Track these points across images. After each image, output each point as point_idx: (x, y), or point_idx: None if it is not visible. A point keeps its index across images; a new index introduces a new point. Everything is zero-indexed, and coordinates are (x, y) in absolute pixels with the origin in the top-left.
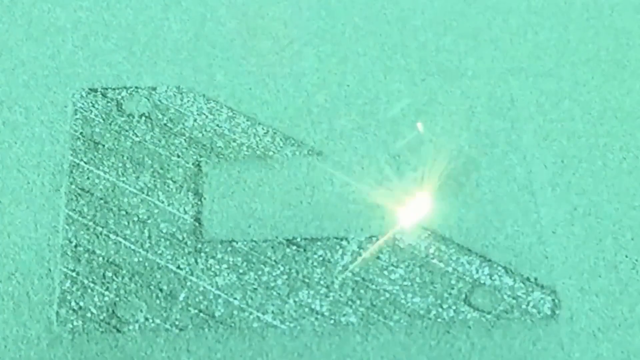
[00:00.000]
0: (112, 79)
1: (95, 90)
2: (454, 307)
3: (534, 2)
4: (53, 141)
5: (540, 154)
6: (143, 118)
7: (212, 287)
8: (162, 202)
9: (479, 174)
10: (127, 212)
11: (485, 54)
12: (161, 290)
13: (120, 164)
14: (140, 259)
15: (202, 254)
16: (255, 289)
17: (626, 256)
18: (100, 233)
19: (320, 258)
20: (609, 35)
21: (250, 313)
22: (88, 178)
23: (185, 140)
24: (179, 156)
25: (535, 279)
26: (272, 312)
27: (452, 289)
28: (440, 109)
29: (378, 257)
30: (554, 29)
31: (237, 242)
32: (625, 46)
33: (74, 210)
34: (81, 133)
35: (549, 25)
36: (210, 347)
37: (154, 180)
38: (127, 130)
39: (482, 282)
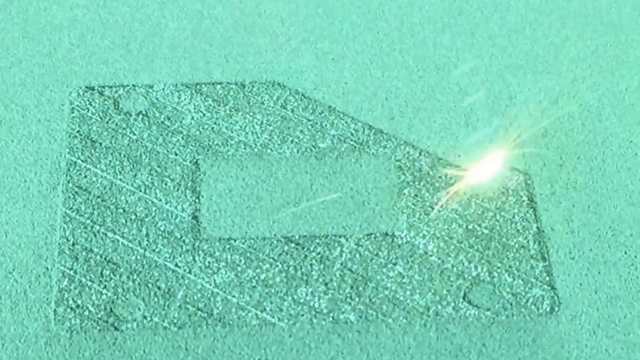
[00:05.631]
0: (109, 77)
1: (92, 89)
2: (453, 304)
3: None
4: (50, 139)
5: (538, 151)
6: (140, 116)
7: (210, 284)
8: (160, 200)
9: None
10: (124, 210)
11: (483, 50)
12: (159, 288)
13: (117, 162)
14: (138, 257)
15: (200, 252)
16: (254, 286)
17: (625, 253)
18: (98, 231)
19: (319, 255)
20: (608, 31)
21: (249, 311)
22: (85, 176)
23: (182, 138)
24: (176, 154)
25: (534, 276)
26: (271, 309)
27: (451, 286)
28: (438, 106)
29: (377, 254)
30: (552, 26)
31: (235, 240)
32: (624, 43)
33: (72, 208)
34: (78, 131)
35: (547, 22)
36: (208, 345)
37: (152, 178)
38: (124, 129)
39: (481, 279)
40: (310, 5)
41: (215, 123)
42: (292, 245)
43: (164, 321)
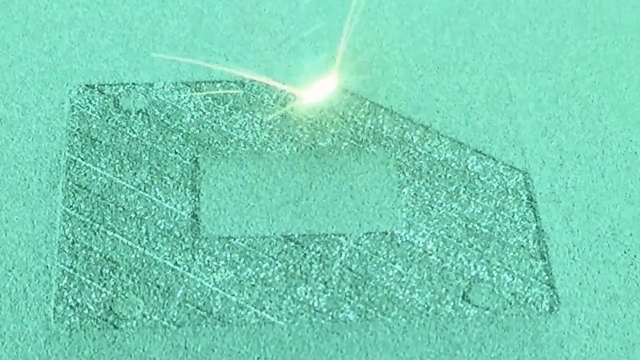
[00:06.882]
0: (109, 75)
1: (92, 87)
2: (452, 304)
3: None
4: (50, 138)
5: (538, 150)
6: (140, 114)
7: (210, 283)
8: (160, 199)
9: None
10: (124, 209)
11: (483, 49)
12: (158, 286)
13: (117, 161)
14: (138, 256)
15: (200, 251)
16: (253, 285)
17: (625, 252)
18: (98, 230)
19: (318, 254)
20: (607, 31)
21: (248, 309)
22: (85, 175)
23: (182, 136)
24: (176, 152)
25: (534, 275)
26: (270, 308)
27: (451, 285)
28: (438, 105)
29: (376, 253)
30: (552, 25)
31: (234, 239)
32: (623, 42)
33: (71, 206)
34: (78, 130)
35: (547, 21)
36: (207, 344)
37: (151, 177)
38: (124, 127)
39: (480, 278)
40: (309, 4)
41: (214, 121)
42: (292, 244)
43: (163, 320)
